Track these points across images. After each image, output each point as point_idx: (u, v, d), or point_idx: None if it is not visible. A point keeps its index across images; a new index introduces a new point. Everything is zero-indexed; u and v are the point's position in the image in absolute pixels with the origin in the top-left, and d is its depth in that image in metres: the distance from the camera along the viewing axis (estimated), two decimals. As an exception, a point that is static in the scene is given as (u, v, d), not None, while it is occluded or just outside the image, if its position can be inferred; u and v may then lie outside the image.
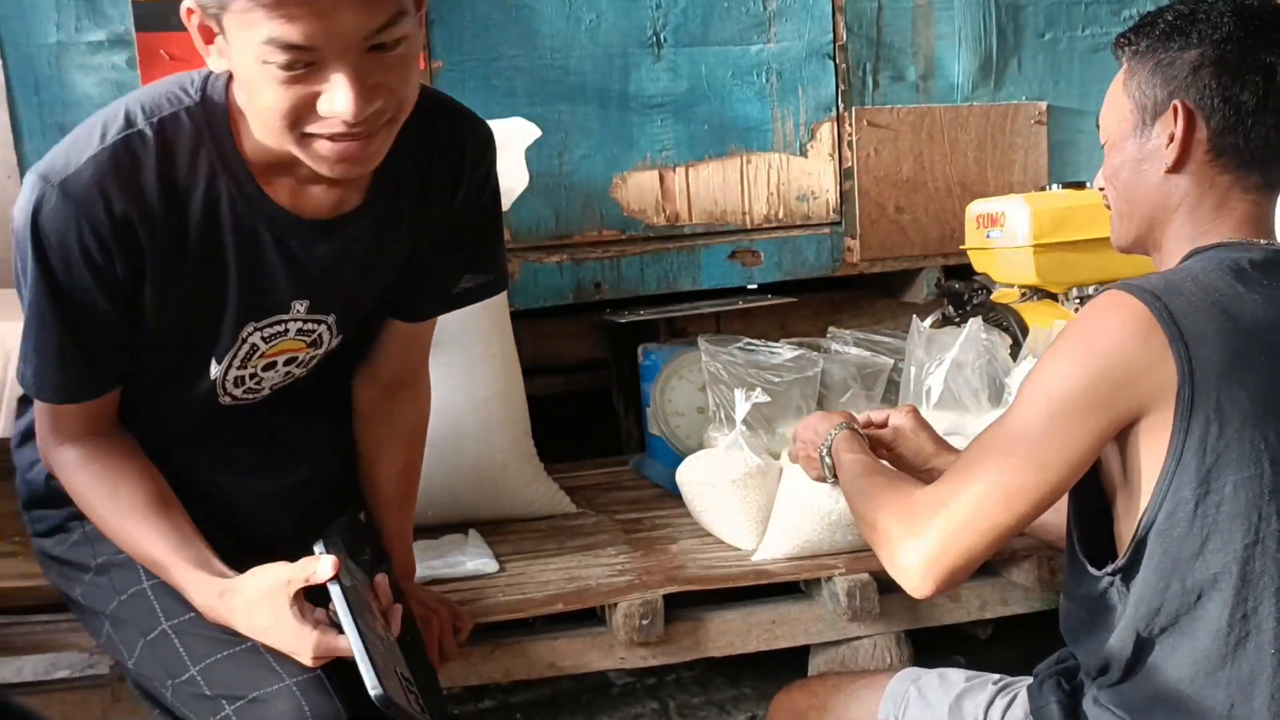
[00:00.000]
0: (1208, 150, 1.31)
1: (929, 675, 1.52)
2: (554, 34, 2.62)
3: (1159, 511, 1.22)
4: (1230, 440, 1.20)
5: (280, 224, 1.38)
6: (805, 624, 1.93)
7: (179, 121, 1.32)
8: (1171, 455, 1.20)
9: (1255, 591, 1.22)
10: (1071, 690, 1.38)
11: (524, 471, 2.24)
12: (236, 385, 1.48)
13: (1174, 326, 1.20)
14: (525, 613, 1.83)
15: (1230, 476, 1.21)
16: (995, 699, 1.44)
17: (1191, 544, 1.22)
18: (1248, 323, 1.22)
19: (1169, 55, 1.32)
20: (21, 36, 2.31)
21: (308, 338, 1.48)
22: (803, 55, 2.78)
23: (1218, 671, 1.23)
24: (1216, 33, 1.29)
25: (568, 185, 2.67)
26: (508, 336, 2.30)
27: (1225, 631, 1.23)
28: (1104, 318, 1.24)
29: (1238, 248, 1.29)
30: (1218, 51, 1.29)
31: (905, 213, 2.89)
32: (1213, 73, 1.29)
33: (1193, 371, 1.19)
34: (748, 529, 2.01)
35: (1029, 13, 2.93)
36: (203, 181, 1.34)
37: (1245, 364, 1.21)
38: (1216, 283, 1.24)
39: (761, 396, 2.05)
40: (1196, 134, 1.31)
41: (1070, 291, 2.49)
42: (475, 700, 2.33)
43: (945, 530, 1.25)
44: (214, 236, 1.36)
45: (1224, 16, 1.30)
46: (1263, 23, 1.29)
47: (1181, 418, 1.20)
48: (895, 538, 1.29)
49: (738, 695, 2.31)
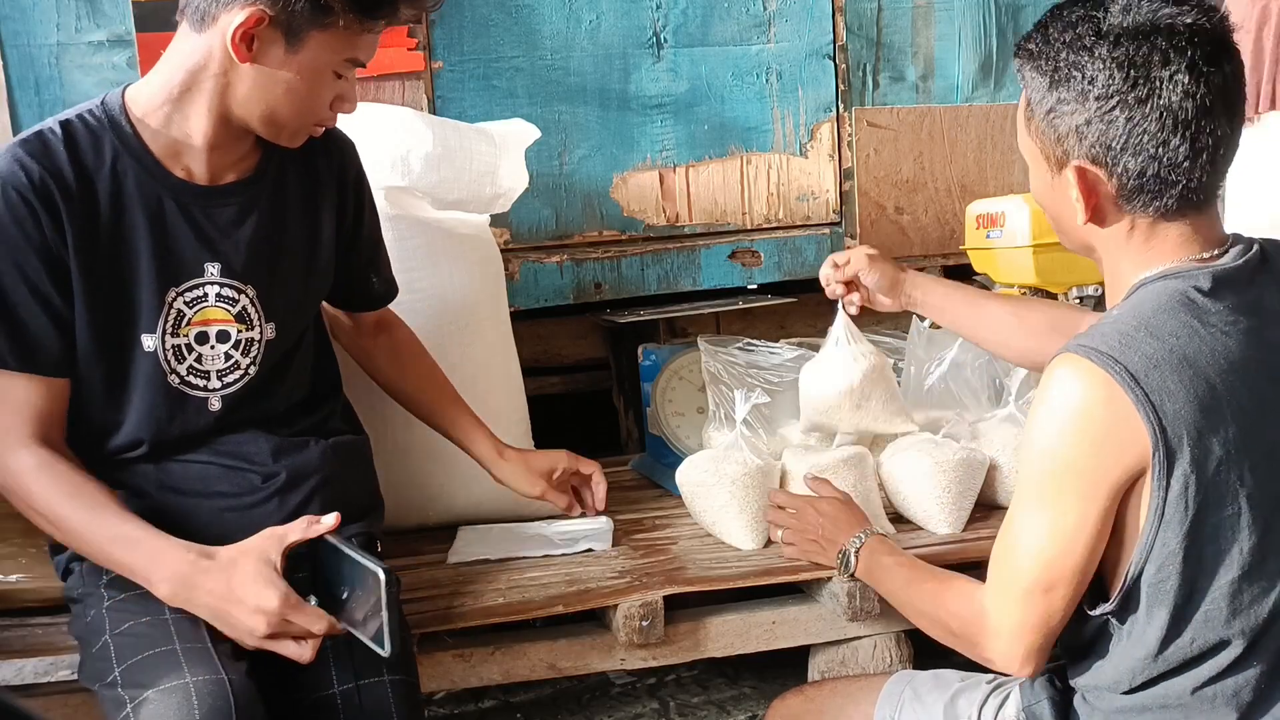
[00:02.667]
0: (1117, 200, 1.28)
1: (923, 676, 1.53)
2: (554, 34, 2.62)
3: (1145, 564, 1.23)
4: (1207, 485, 1.21)
5: (181, 191, 1.60)
6: (805, 624, 1.93)
7: (81, 120, 1.58)
8: (1154, 511, 1.21)
9: (1246, 622, 1.24)
10: (1063, 688, 1.40)
11: (524, 472, 2.24)
12: (178, 360, 1.61)
13: (1137, 388, 1.19)
14: (525, 614, 1.83)
15: (1211, 519, 1.22)
16: (989, 698, 1.45)
17: (1184, 590, 1.23)
18: (1208, 366, 1.21)
19: (1058, 108, 1.28)
20: (22, 36, 2.31)
21: (231, 307, 1.63)
22: (803, 55, 2.78)
23: (1207, 687, 1.26)
24: (1094, 88, 1.24)
25: (568, 185, 2.67)
26: (508, 336, 2.30)
27: (1218, 659, 1.25)
28: (1066, 388, 1.23)
29: (1185, 276, 1.27)
30: (1101, 108, 1.24)
31: (905, 213, 2.89)
32: (1102, 132, 1.25)
33: (1164, 429, 1.19)
34: (748, 529, 2.01)
35: (1029, 13, 2.92)
36: (108, 162, 1.56)
37: (1214, 410, 1.21)
38: (1171, 327, 1.22)
39: (761, 397, 2.05)
40: (1102, 190, 1.28)
41: (1070, 291, 2.49)
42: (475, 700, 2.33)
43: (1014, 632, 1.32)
44: (123, 209, 1.57)
45: (1099, 69, 1.24)
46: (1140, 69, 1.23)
47: (1160, 475, 1.20)
48: (980, 646, 1.37)
49: (738, 695, 2.31)
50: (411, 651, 1.67)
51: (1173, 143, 1.23)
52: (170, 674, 1.40)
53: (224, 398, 1.65)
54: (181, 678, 1.39)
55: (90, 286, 1.55)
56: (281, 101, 1.57)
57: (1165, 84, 1.22)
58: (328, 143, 1.76)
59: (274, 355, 1.69)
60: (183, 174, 1.61)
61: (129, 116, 1.59)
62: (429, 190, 2.22)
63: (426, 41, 2.52)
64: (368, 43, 1.59)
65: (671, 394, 2.42)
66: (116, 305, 1.58)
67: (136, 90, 1.61)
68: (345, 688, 1.52)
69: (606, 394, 2.93)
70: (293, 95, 1.57)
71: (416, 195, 2.20)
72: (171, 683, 1.39)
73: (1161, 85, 1.22)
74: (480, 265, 2.27)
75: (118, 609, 1.53)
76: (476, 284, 2.23)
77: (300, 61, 1.54)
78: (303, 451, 1.69)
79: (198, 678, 1.39)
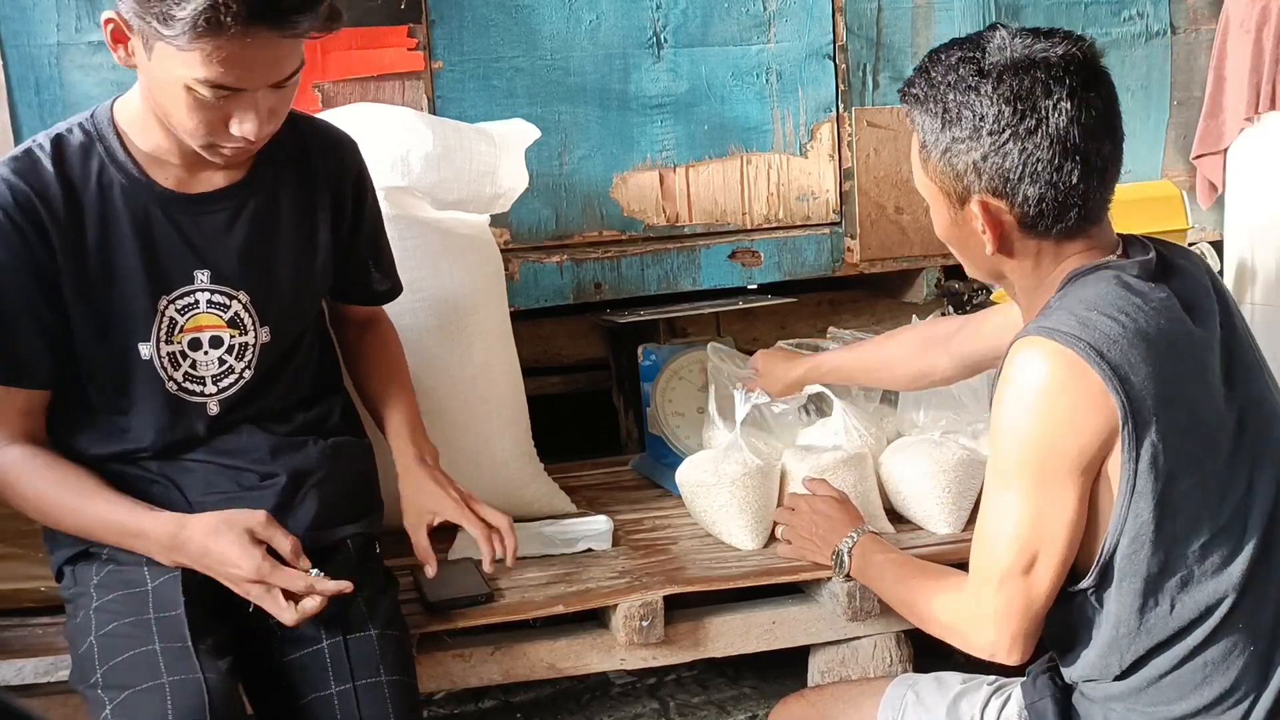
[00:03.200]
0: (1021, 230, 1.32)
1: (925, 679, 1.53)
2: (554, 34, 2.62)
3: (1120, 536, 1.25)
4: (1174, 454, 1.24)
5: (167, 201, 1.60)
6: (805, 624, 1.93)
7: (70, 134, 1.60)
8: (1125, 483, 1.24)
9: (1224, 589, 1.26)
10: (1064, 685, 1.40)
11: (524, 471, 2.24)
12: (174, 367, 1.62)
13: (1104, 363, 1.22)
14: (525, 614, 1.83)
15: (1179, 487, 1.24)
16: (991, 699, 1.46)
17: (1157, 560, 1.25)
18: (1159, 340, 1.25)
19: (953, 147, 1.32)
20: (22, 36, 2.31)
21: (222, 313, 1.64)
22: (803, 55, 2.78)
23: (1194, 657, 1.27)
24: (984, 124, 1.28)
25: (568, 186, 2.67)
26: (508, 336, 2.30)
27: (1201, 629, 1.27)
28: (1036, 370, 1.25)
29: (1113, 266, 1.31)
30: (995, 142, 1.28)
31: (905, 213, 2.89)
32: (998, 164, 1.29)
33: (1132, 401, 1.22)
34: (748, 529, 2.01)
35: (1029, 13, 2.92)
36: (94, 175, 1.57)
37: (1171, 381, 1.24)
38: (1120, 304, 1.26)
39: (761, 397, 2.05)
40: (1005, 220, 1.32)
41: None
42: (475, 699, 2.33)
43: (998, 618, 1.33)
44: (110, 220, 1.58)
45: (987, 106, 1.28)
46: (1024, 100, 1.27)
47: (1129, 448, 1.23)
48: (966, 634, 1.39)
49: (738, 695, 2.31)
50: (410, 653, 1.67)
51: (1066, 167, 1.28)
52: (148, 675, 1.42)
53: (221, 401, 1.66)
54: (158, 678, 1.41)
55: (83, 299, 1.58)
56: (167, 112, 1.51)
57: (1051, 112, 1.27)
58: (324, 143, 1.76)
59: (270, 358, 1.69)
60: (168, 182, 1.61)
61: (116, 128, 1.60)
62: (429, 190, 2.22)
63: (426, 41, 2.52)
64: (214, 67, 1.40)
65: (671, 394, 2.43)
66: (111, 315, 1.60)
67: (124, 102, 1.62)
68: (342, 688, 1.53)
69: (606, 394, 2.93)
70: (169, 107, 1.49)
71: (416, 195, 2.20)
72: (148, 683, 1.41)
73: (1048, 114, 1.27)
74: (480, 265, 2.27)
75: (104, 610, 1.54)
76: (476, 284, 2.23)
77: (155, 72, 1.46)
78: (301, 451, 1.70)
79: (174, 678, 1.40)
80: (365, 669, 1.54)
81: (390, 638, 1.60)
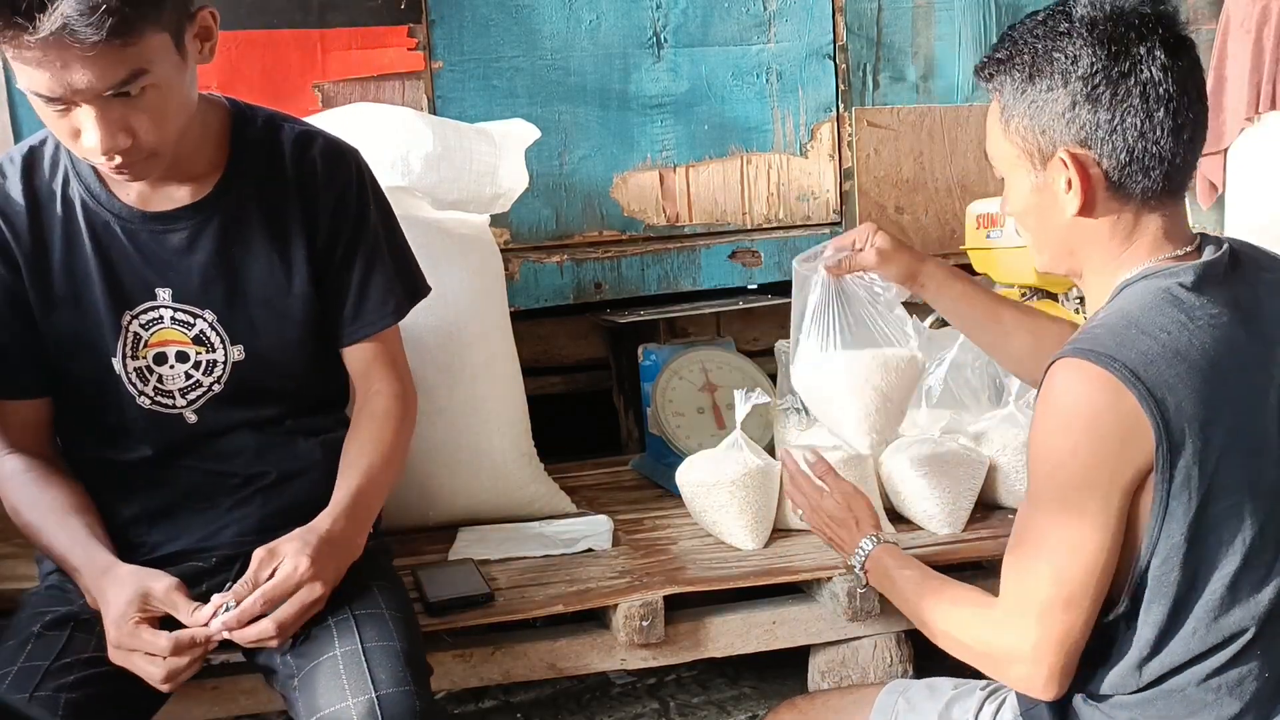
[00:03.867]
0: (1108, 186, 1.28)
1: (917, 685, 1.52)
2: (554, 34, 2.62)
3: (1152, 557, 1.23)
4: (1209, 477, 1.21)
5: (127, 218, 1.57)
6: (805, 624, 1.93)
7: (42, 146, 1.59)
8: (1159, 503, 1.21)
9: (1246, 612, 1.24)
10: None
11: (524, 471, 2.24)
12: (142, 381, 1.60)
13: (1140, 384, 1.19)
14: (526, 614, 1.83)
15: (1213, 510, 1.22)
16: (984, 704, 1.44)
17: (1185, 581, 1.23)
18: (1200, 359, 1.22)
19: (1039, 99, 1.28)
20: (21, 37, 2.31)
21: (187, 330, 1.60)
22: (803, 55, 2.78)
23: (1210, 679, 1.26)
24: (1077, 68, 1.25)
25: (568, 185, 2.67)
26: (508, 336, 2.30)
27: (1221, 653, 1.25)
28: (1072, 392, 1.22)
29: (1165, 274, 1.27)
30: (1086, 87, 1.25)
31: (905, 213, 2.90)
32: (1090, 111, 1.25)
33: (1167, 423, 1.19)
34: (748, 529, 2.01)
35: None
36: (59, 190, 1.57)
37: (1210, 403, 1.21)
38: (1161, 322, 1.23)
39: (761, 397, 2.05)
40: (1092, 175, 1.28)
41: (1070, 291, 2.49)
42: (476, 700, 2.33)
43: (1035, 653, 1.28)
44: (73, 236, 1.57)
45: (1080, 47, 1.25)
46: (1119, 44, 1.25)
47: (1163, 469, 1.20)
48: (1000, 662, 1.33)
49: (738, 695, 2.31)
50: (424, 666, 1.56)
51: (1157, 116, 1.25)
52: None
53: (198, 411, 1.63)
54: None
55: (51, 315, 1.57)
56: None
57: (1145, 59, 1.24)
58: (305, 155, 1.64)
59: (247, 374, 1.63)
60: (128, 199, 1.57)
61: None
62: (429, 190, 2.22)
63: (426, 41, 2.52)
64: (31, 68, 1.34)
65: (671, 394, 2.42)
66: (80, 330, 1.58)
67: None
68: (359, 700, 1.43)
69: (606, 394, 2.93)
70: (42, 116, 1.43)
71: (416, 195, 2.20)
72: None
73: (1141, 60, 1.24)
74: (480, 265, 2.26)
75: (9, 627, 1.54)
76: (476, 284, 2.23)
77: None
78: (290, 448, 1.67)
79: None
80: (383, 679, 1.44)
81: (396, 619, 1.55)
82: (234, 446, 1.65)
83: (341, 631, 1.48)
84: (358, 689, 1.40)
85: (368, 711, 1.37)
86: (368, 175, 1.71)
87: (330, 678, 1.42)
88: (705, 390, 2.42)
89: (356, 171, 1.69)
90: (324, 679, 1.43)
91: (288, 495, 1.66)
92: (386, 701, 1.38)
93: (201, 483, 1.63)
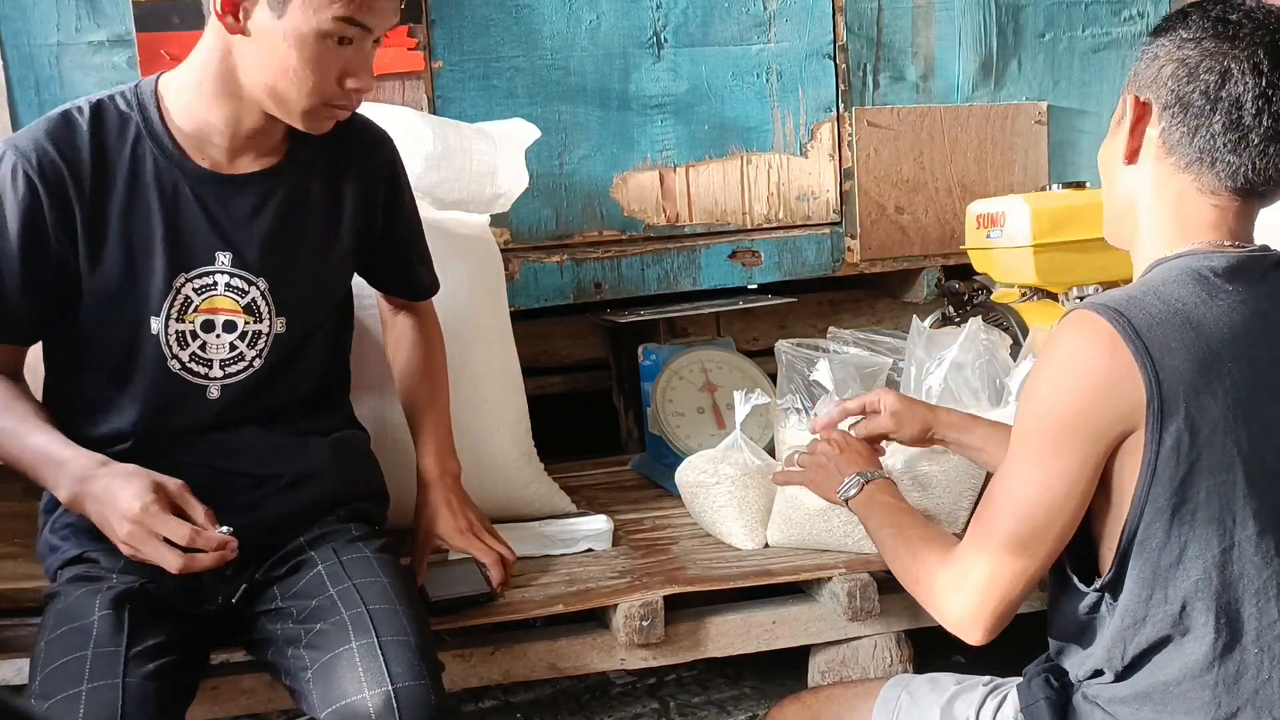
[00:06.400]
0: (1159, 146, 1.31)
1: (919, 680, 1.52)
2: (554, 34, 2.62)
3: (1138, 523, 1.24)
4: (1202, 448, 1.21)
5: (199, 179, 1.60)
6: (805, 624, 1.93)
7: (112, 101, 1.61)
8: (1146, 465, 1.22)
9: (1235, 594, 1.24)
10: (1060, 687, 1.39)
11: (524, 471, 2.24)
12: (181, 345, 1.61)
13: (1138, 341, 1.21)
14: (525, 613, 1.83)
15: (1203, 483, 1.22)
16: (986, 700, 1.45)
17: (1171, 552, 1.23)
18: (1212, 330, 1.23)
19: (1148, 54, 1.33)
20: (22, 36, 2.31)
21: (240, 297, 1.62)
22: (803, 55, 2.78)
23: (1205, 675, 1.25)
24: (1187, 32, 1.29)
25: (568, 185, 2.67)
26: (508, 336, 2.30)
27: (1211, 637, 1.25)
28: (1070, 343, 1.25)
29: (1200, 255, 1.28)
30: (1181, 49, 1.29)
31: (905, 213, 2.89)
32: (1172, 71, 1.29)
33: (1160, 384, 1.20)
34: (748, 529, 2.01)
35: (1029, 13, 2.93)
36: (129, 146, 1.58)
37: (1213, 372, 1.22)
38: (1178, 293, 1.24)
39: (761, 397, 2.05)
40: (1148, 127, 1.31)
41: (1070, 291, 2.49)
42: (475, 700, 2.33)
43: (980, 587, 1.31)
44: (138, 192, 1.58)
45: (1202, 20, 1.29)
46: (1237, 29, 1.27)
47: (1153, 429, 1.21)
48: (940, 596, 1.36)
49: (738, 695, 2.31)
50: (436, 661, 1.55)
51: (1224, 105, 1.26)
52: (72, 681, 1.39)
53: (224, 387, 1.64)
54: (79, 685, 1.38)
55: (99, 268, 1.57)
56: (281, 75, 1.53)
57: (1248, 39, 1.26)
58: (359, 135, 1.75)
59: (282, 350, 1.67)
60: (203, 162, 1.61)
61: (159, 102, 1.61)
62: (429, 190, 2.22)
63: (426, 41, 2.52)
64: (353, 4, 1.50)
65: (671, 394, 2.43)
66: (125, 286, 1.59)
67: (169, 78, 1.63)
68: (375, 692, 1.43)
69: (606, 394, 2.93)
70: (290, 67, 1.52)
71: (417, 195, 2.20)
72: (69, 691, 1.38)
73: (1244, 38, 1.26)
74: (480, 265, 2.27)
75: (57, 615, 1.52)
76: (476, 284, 2.23)
77: (287, 27, 1.50)
78: (302, 450, 1.69)
79: (93, 684, 1.38)
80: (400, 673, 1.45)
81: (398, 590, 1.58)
82: (244, 444, 1.65)
83: (357, 625, 1.49)
84: (374, 681, 1.41)
85: (384, 703, 1.39)
86: (399, 158, 1.84)
87: (347, 669, 1.44)
88: (705, 390, 2.42)
89: (395, 154, 1.83)
90: (341, 670, 1.44)
91: (297, 498, 1.66)
92: (403, 694, 1.40)
93: (208, 482, 1.60)
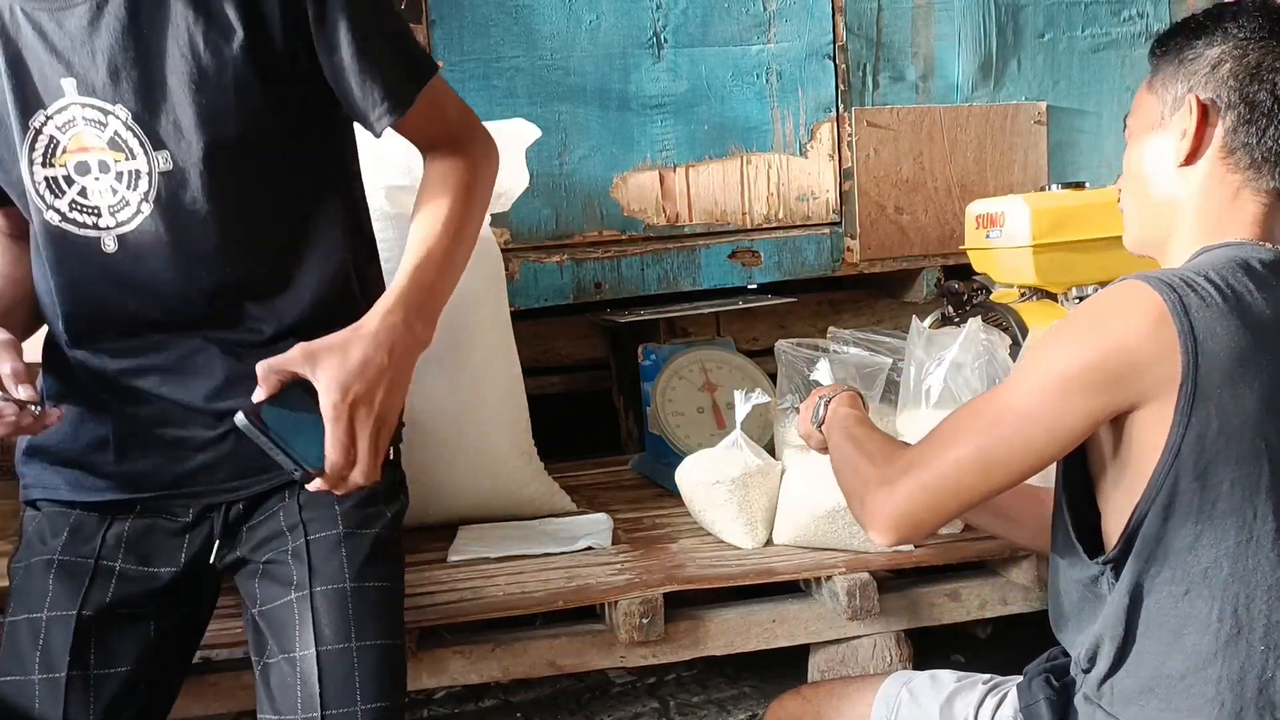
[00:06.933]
0: (1221, 146, 1.31)
1: (920, 677, 1.52)
2: (554, 34, 2.62)
3: (1153, 504, 1.22)
4: (1231, 438, 1.21)
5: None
6: (805, 623, 1.93)
7: None
8: (1169, 449, 1.21)
9: (1248, 588, 1.23)
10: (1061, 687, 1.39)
11: (524, 471, 2.24)
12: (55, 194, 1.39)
13: (1186, 320, 1.20)
14: (525, 610, 1.83)
15: (1228, 474, 1.21)
16: (985, 699, 1.45)
17: (1184, 537, 1.22)
18: (1256, 322, 1.22)
19: (1193, 52, 1.33)
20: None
21: (100, 130, 1.37)
22: (803, 55, 2.78)
23: (1208, 667, 1.24)
24: (1242, 31, 1.30)
25: (568, 185, 2.68)
26: (508, 336, 2.30)
27: (1215, 627, 1.23)
28: (1118, 303, 1.24)
29: (1246, 247, 1.29)
30: (1240, 49, 1.29)
31: (905, 213, 2.90)
32: (1231, 69, 1.29)
33: (1198, 367, 1.20)
34: (747, 528, 2.01)
35: (1029, 13, 2.93)
36: None
37: (1252, 364, 1.21)
38: (1230, 280, 1.24)
39: (761, 397, 2.05)
40: (1210, 128, 1.31)
41: (1070, 291, 2.50)
42: (475, 699, 2.34)
43: (918, 485, 1.28)
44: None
45: (1253, 18, 1.30)
46: (1277, 22, 1.29)
47: (1182, 412, 1.20)
48: (870, 483, 1.33)
49: (738, 694, 2.31)
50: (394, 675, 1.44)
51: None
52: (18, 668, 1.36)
53: (120, 239, 1.40)
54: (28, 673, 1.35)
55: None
56: None
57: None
58: None
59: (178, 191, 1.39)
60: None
61: None
62: (429, 190, 2.22)
63: (427, 41, 2.53)
64: None
65: (671, 394, 2.43)
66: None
67: None
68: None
69: (606, 394, 2.93)
70: None
71: (417, 195, 2.20)
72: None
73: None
74: (480, 265, 2.26)
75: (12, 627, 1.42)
76: (476, 284, 2.23)
77: None
78: None
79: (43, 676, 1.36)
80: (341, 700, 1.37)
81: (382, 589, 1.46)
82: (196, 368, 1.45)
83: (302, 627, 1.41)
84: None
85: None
86: None
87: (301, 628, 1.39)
88: (705, 390, 2.42)
89: None
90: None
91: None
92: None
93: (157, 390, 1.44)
